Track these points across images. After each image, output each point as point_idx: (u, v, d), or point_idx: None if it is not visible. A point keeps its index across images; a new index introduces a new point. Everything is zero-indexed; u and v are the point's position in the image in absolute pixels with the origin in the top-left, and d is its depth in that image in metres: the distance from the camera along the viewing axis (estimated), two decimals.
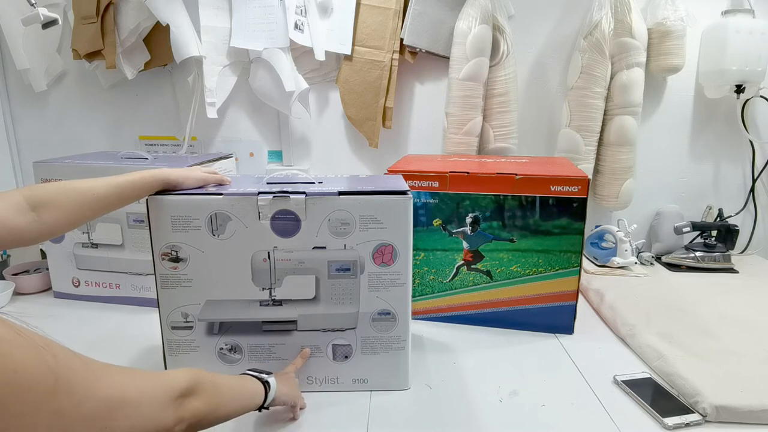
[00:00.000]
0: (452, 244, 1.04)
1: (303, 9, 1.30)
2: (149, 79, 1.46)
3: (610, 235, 1.33)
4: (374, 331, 0.82)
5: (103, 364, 0.43)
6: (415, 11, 1.31)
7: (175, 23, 1.25)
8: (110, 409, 0.41)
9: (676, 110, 1.41)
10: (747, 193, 1.45)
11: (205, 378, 0.54)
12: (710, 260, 1.31)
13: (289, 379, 0.76)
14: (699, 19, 1.31)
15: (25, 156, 1.56)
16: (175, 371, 0.51)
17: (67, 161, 1.14)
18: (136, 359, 0.94)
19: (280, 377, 0.74)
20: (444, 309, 1.08)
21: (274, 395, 0.69)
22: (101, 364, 0.43)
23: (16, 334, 0.36)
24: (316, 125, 1.46)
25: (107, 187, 0.72)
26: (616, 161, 1.31)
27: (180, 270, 0.79)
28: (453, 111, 1.30)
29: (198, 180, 0.82)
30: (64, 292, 1.21)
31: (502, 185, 0.99)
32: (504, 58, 1.31)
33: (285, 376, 0.76)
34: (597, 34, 1.23)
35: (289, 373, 0.78)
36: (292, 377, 0.78)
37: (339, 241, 0.78)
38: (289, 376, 0.77)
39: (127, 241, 1.13)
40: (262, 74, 1.34)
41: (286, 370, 0.78)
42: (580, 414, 0.78)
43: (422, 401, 0.82)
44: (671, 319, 1.01)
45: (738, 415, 0.74)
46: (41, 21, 1.17)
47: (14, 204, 0.64)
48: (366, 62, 1.34)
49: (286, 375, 0.76)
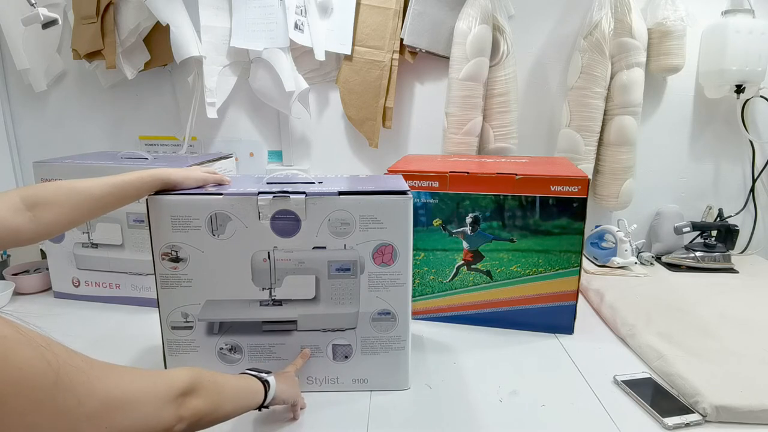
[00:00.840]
0: (452, 244, 1.04)
1: (303, 9, 1.30)
2: (149, 79, 1.46)
3: (610, 235, 1.33)
4: (374, 331, 0.82)
5: (104, 363, 0.43)
6: (415, 11, 1.31)
7: (175, 23, 1.25)
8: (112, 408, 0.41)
9: (676, 110, 1.41)
10: (747, 193, 1.45)
11: (206, 377, 0.54)
12: (710, 260, 1.31)
13: (289, 378, 0.76)
14: (699, 19, 1.31)
15: (25, 156, 1.56)
16: (176, 370, 0.51)
17: (67, 161, 1.14)
18: (136, 359, 0.94)
19: (280, 376, 0.73)
20: (444, 309, 1.08)
21: (273, 394, 0.69)
22: (102, 363, 0.43)
23: (18, 333, 0.36)
24: (316, 125, 1.46)
25: (106, 187, 0.72)
26: (616, 161, 1.31)
27: (180, 270, 0.79)
28: (453, 111, 1.30)
29: (198, 180, 0.82)
30: (64, 292, 1.21)
31: (502, 185, 0.99)
32: (504, 58, 1.31)
33: (285, 375, 0.75)
34: (597, 34, 1.23)
35: (289, 372, 0.78)
36: (292, 376, 0.77)
37: (339, 241, 0.78)
38: (289, 375, 0.77)
39: (127, 241, 1.13)
40: (262, 74, 1.34)
41: (286, 370, 0.78)
42: (580, 414, 0.78)
43: (422, 401, 0.82)
44: (671, 319, 1.01)
45: (738, 415, 0.74)
46: (41, 21, 1.17)
47: (11, 204, 0.64)
48: (366, 62, 1.34)
49: (285, 374, 0.76)
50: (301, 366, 0.82)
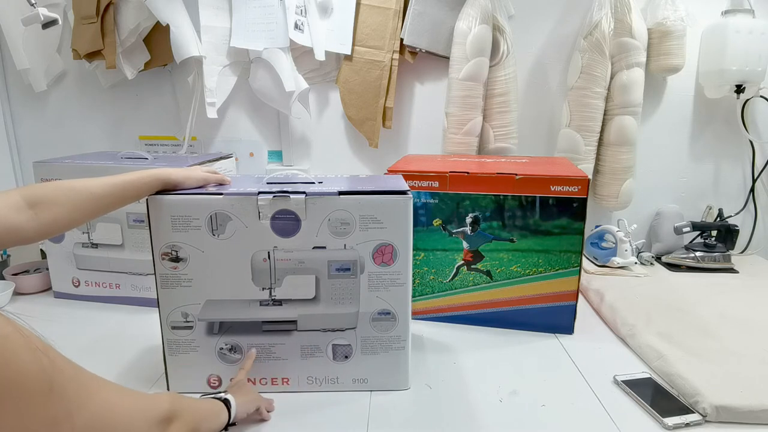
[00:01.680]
0: (452, 244, 1.04)
1: (303, 9, 1.30)
2: (149, 79, 1.46)
3: (610, 235, 1.33)
4: (374, 331, 0.82)
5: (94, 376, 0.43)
6: (415, 11, 1.31)
7: (175, 23, 1.25)
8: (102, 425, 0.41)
9: (676, 110, 1.41)
10: (747, 193, 1.45)
11: (184, 403, 0.56)
12: (710, 260, 1.31)
13: (243, 387, 0.76)
14: (699, 19, 1.31)
15: (25, 156, 1.56)
16: (157, 395, 0.52)
17: (67, 161, 1.14)
18: (136, 359, 0.94)
19: (235, 389, 0.74)
20: (444, 309, 1.08)
21: (235, 411, 0.69)
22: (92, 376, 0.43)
23: (19, 334, 0.36)
24: (316, 125, 1.46)
25: (106, 187, 0.72)
26: (616, 161, 1.31)
27: (180, 270, 0.79)
28: (453, 111, 1.30)
29: (198, 180, 0.81)
30: (64, 292, 1.21)
31: (502, 185, 0.99)
32: (504, 58, 1.31)
33: (238, 386, 0.76)
34: (597, 34, 1.23)
35: (241, 380, 0.78)
36: (245, 383, 0.78)
37: (339, 241, 0.78)
38: (242, 384, 0.77)
39: (127, 241, 1.13)
40: (262, 74, 1.34)
41: (237, 378, 0.78)
42: (580, 414, 0.78)
43: (422, 401, 0.82)
44: (671, 319, 1.01)
45: (738, 415, 0.74)
46: (41, 21, 1.17)
47: (12, 202, 0.63)
48: (366, 62, 1.34)
49: (238, 385, 0.76)
50: (249, 367, 0.81)
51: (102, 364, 0.87)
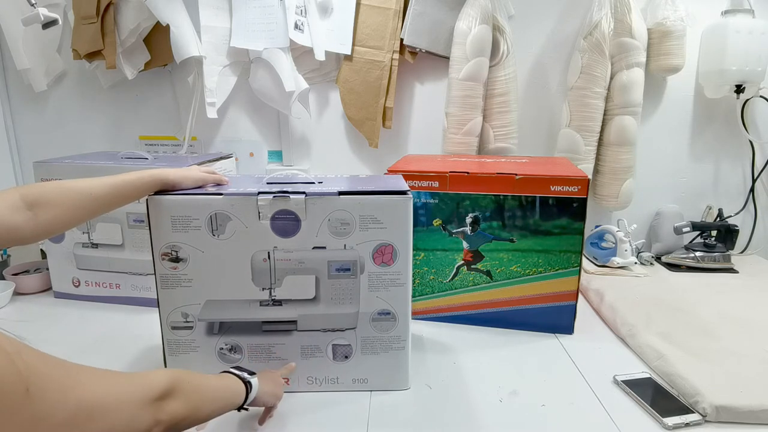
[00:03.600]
0: (452, 244, 1.04)
1: (303, 9, 1.30)
2: (149, 79, 1.46)
3: (610, 235, 1.33)
4: (374, 331, 0.82)
5: (80, 367, 0.43)
6: (415, 11, 1.31)
7: (175, 23, 1.25)
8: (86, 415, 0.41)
9: (676, 110, 1.41)
10: (747, 193, 1.45)
11: (185, 378, 0.53)
12: (710, 260, 1.31)
13: (275, 379, 0.75)
14: (699, 19, 1.31)
15: (25, 156, 1.56)
16: (155, 372, 0.51)
17: (67, 161, 1.14)
18: (136, 359, 0.94)
19: (265, 377, 0.72)
20: (444, 309, 1.08)
21: (255, 396, 0.68)
22: (78, 368, 0.42)
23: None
24: (316, 125, 1.46)
25: (105, 187, 0.72)
26: (616, 161, 1.31)
27: (180, 270, 0.79)
28: (453, 111, 1.30)
29: (197, 180, 0.82)
30: (64, 292, 1.21)
31: (502, 185, 0.99)
32: (504, 58, 1.31)
33: (271, 377, 0.75)
34: (597, 34, 1.23)
35: (276, 373, 0.77)
36: (278, 378, 0.77)
37: (339, 241, 0.78)
38: (275, 376, 0.76)
39: (127, 241, 1.13)
40: (262, 74, 1.34)
41: (278, 371, 0.78)
42: (580, 414, 0.78)
43: (422, 401, 0.82)
44: (671, 319, 1.01)
45: (738, 415, 0.74)
46: (41, 21, 1.17)
47: (10, 202, 0.63)
48: (366, 62, 1.34)
49: (272, 375, 0.75)
50: (289, 372, 0.81)
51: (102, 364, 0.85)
